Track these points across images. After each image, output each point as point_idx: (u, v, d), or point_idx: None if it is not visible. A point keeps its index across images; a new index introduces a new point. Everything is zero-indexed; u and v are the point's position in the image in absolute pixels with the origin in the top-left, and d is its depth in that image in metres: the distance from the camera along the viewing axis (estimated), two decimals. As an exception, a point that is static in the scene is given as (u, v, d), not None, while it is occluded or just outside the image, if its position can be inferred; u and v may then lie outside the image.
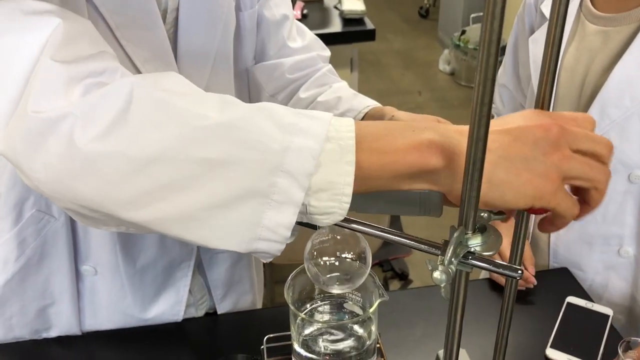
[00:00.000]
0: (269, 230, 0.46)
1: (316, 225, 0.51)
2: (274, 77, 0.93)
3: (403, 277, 2.38)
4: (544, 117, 0.48)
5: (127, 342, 0.95)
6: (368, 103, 0.87)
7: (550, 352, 0.91)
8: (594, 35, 1.02)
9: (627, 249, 1.06)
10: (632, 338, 0.84)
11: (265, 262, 0.52)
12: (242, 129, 0.46)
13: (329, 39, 1.19)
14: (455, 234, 0.44)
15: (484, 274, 1.11)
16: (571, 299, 1.00)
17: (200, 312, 1.01)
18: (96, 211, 0.48)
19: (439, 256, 0.44)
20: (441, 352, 0.86)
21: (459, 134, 0.48)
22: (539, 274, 1.04)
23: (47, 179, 0.48)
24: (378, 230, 0.51)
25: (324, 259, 0.68)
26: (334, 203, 0.46)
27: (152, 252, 0.89)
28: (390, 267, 2.40)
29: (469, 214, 0.45)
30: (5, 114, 0.49)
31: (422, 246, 0.48)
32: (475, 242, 0.46)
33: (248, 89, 0.94)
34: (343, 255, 0.68)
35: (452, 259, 0.43)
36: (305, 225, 0.51)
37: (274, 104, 0.48)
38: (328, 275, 0.68)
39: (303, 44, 0.95)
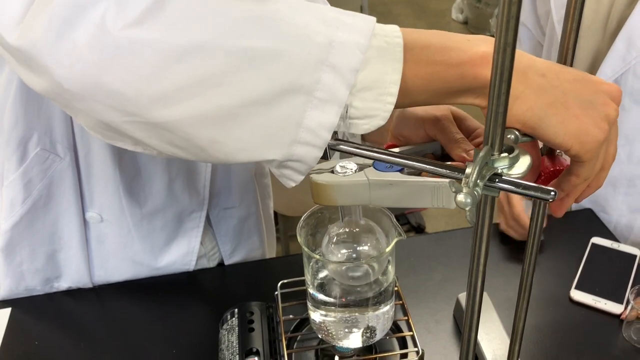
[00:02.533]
0: (309, 132, 0.43)
1: (328, 156, 0.48)
2: None
3: (419, 230, 2.35)
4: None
5: (140, 293, 0.94)
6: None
7: (575, 293, 0.87)
8: None
9: None
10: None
11: (289, 186, 0.48)
12: (285, 21, 0.42)
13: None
14: (481, 154, 0.40)
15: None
16: (596, 240, 0.96)
17: (213, 263, 0.99)
18: (122, 111, 0.43)
19: (464, 178, 0.39)
20: (462, 296, 0.83)
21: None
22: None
23: (73, 73, 0.43)
24: (391, 156, 0.46)
25: (342, 251, 0.65)
26: (377, 104, 0.44)
27: (159, 199, 0.86)
28: (406, 221, 2.37)
29: (496, 132, 0.40)
30: (22, 5, 0.44)
31: (443, 170, 0.44)
32: (502, 164, 0.42)
33: None
34: (360, 248, 0.65)
35: (478, 181, 0.39)
36: (323, 157, 0.47)
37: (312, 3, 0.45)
38: (345, 267, 0.65)
39: None
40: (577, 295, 0.87)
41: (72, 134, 0.78)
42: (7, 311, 0.91)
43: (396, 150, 0.57)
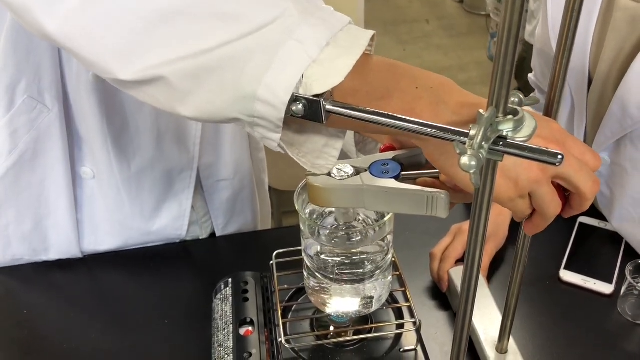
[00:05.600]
0: (268, 90, 0.44)
1: (323, 119, 0.46)
2: None
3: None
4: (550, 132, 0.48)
5: (131, 263, 0.93)
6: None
7: (564, 273, 0.87)
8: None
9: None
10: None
11: (274, 147, 0.48)
12: None
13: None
14: (486, 115, 0.39)
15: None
16: (583, 219, 0.95)
17: (205, 233, 0.98)
18: (103, 70, 0.47)
19: (468, 140, 0.38)
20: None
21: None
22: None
23: (66, 28, 0.46)
24: (391, 119, 0.45)
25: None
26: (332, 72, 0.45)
27: (148, 154, 0.85)
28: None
29: (501, 92, 0.39)
30: None
31: (446, 134, 0.43)
32: (506, 127, 0.41)
33: None
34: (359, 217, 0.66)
35: (483, 143, 0.38)
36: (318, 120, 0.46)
37: None
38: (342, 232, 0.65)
39: None
40: (567, 275, 0.87)
41: (62, 84, 0.76)
42: (-6, 280, 0.90)
43: (392, 153, 0.57)
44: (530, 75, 1.07)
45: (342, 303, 0.67)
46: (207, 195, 0.94)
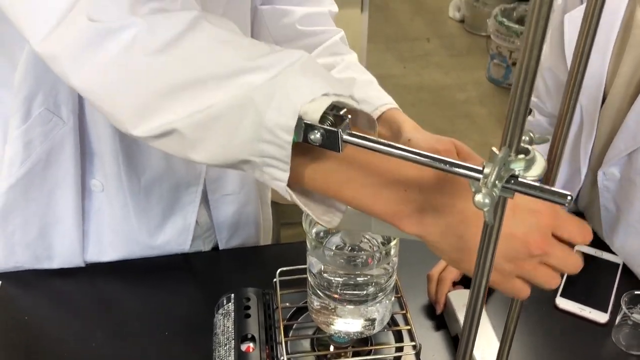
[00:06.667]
0: (269, 132, 0.47)
1: (340, 148, 0.48)
2: (282, 24, 0.90)
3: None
4: (540, 221, 0.50)
5: (133, 274, 0.93)
6: (386, 100, 0.84)
7: (560, 301, 0.88)
8: None
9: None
10: (636, 292, 0.82)
11: (281, 188, 0.50)
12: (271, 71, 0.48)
13: (339, -23, 1.12)
14: (500, 154, 0.40)
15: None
16: (581, 248, 0.97)
17: (207, 246, 0.99)
18: (116, 123, 0.53)
19: (482, 178, 0.40)
20: (451, 294, 0.84)
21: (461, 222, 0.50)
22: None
23: (86, 85, 0.52)
24: (404, 152, 0.46)
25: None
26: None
27: (157, 169, 0.86)
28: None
29: (515, 132, 0.41)
30: (58, 16, 0.50)
31: (460, 170, 0.44)
32: (518, 165, 0.42)
33: (251, 30, 0.90)
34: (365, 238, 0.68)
35: (496, 182, 0.40)
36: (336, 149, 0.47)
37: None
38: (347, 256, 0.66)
39: None
40: (563, 303, 0.88)
41: (78, 98, 0.78)
42: (-4, 284, 0.91)
43: None
44: (532, 98, 1.08)
45: (344, 324, 0.69)
46: (213, 209, 0.95)
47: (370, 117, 0.53)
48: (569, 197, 0.41)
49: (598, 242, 0.98)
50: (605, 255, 0.95)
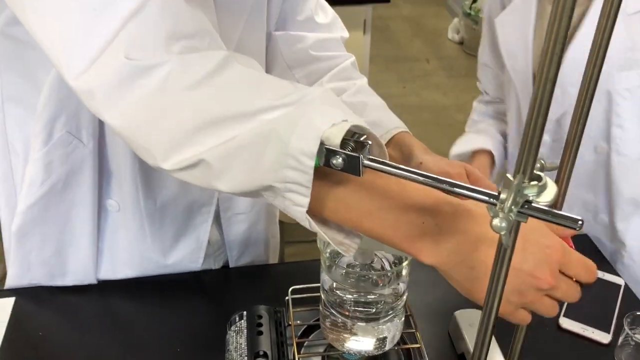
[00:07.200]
0: (293, 159, 0.49)
1: (360, 172, 0.50)
2: (295, 49, 0.93)
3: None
4: (550, 257, 0.53)
5: (145, 292, 0.95)
6: (397, 124, 0.87)
7: (563, 321, 0.90)
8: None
9: (602, 216, 1.10)
10: (638, 312, 0.84)
11: (301, 215, 0.52)
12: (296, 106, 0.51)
13: (343, -1, 1.16)
14: (515, 181, 0.43)
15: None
16: (583, 270, 0.99)
17: (218, 264, 1.01)
18: (145, 156, 0.54)
19: (498, 203, 0.42)
20: (458, 313, 0.86)
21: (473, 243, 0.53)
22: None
23: (119, 122, 0.53)
24: (421, 176, 0.49)
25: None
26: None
27: (172, 190, 0.88)
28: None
29: (529, 160, 0.43)
30: (95, 53, 0.52)
31: (476, 195, 0.47)
32: (531, 191, 0.45)
33: (265, 54, 0.93)
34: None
35: (512, 207, 0.42)
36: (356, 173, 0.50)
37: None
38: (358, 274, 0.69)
39: (326, 21, 0.96)
40: (566, 323, 0.90)
41: (99, 121, 0.80)
42: (11, 300, 0.92)
43: None
44: (478, 84, 1.31)
45: (356, 342, 0.70)
46: (225, 227, 0.97)
47: (380, 143, 0.55)
48: (580, 222, 0.43)
49: (600, 262, 1.00)
50: (607, 277, 0.98)
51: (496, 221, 0.41)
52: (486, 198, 0.46)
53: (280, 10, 0.91)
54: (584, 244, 1.07)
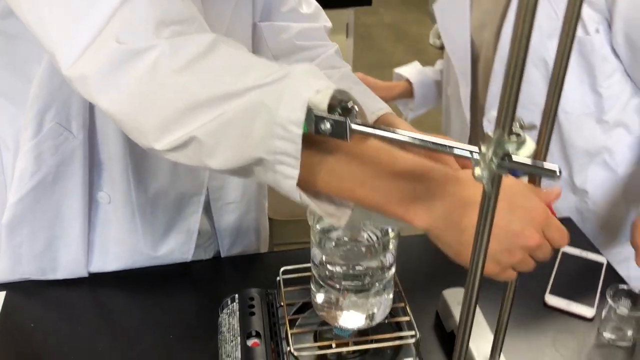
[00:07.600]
0: (281, 128, 0.51)
1: (348, 137, 0.52)
2: (280, 39, 0.95)
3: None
4: (534, 218, 0.56)
5: (136, 283, 0.95)
6: (381, 106, 0.89)
7: (549, 297, 0.93)
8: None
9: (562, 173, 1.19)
10: (620, 285, 0.87)
11: (289, 187, 0.54)
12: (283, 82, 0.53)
13: (325, 2, 1.18)
14: (495, 135, 0.45)
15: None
16: (566, 249, 1.02)
17: (209, 255, 1.02)
18: (137, 139, 0.56)
19: (480, 154, 0.44)
20: (446, 292, 0.87)
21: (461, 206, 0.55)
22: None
23: (113, 107, 0.55)
24: (410, 138, 0.51)
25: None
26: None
27: (163, 180, 0.89)
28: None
29: (507, 115, 0.45)
30: (87, 39, 0.54)
31: (460, 151, 0.49)
32: (511, 146, 0.47)
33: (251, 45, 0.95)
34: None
35: (493, 157, 0.44)
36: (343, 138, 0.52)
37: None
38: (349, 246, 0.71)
39: (310, 12, 0.98)
40: (552, 299, 0.92)
41: (89, 112, 0.81)
42: (1, 295, 0.92)
43: None
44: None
45: (346, 317, 0.72)
46: (216, 217, 0.98)
47: (363, 113, 0.57)
48: (558, 171, 0.45)
49: (584, 243, 1.03)
50: (590, 256, 1.00)
51: (477, 170, 0.43)
52: (468, 153, 0.48)
53: (264, 1, 0.93)
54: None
